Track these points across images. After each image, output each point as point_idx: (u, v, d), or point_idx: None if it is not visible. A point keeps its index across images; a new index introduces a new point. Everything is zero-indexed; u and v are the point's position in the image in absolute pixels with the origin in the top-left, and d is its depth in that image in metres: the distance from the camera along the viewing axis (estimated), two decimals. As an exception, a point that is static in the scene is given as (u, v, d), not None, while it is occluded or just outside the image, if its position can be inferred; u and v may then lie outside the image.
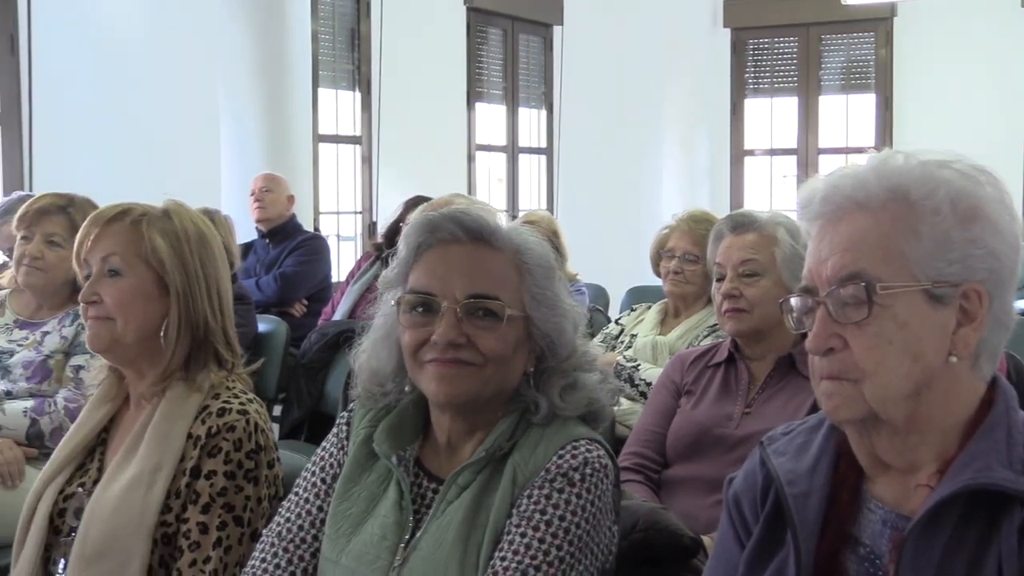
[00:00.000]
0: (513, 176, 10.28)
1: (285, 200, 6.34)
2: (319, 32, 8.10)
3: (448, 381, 1.79)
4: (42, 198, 3.45)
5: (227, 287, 2.29)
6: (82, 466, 2.23)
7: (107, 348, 2.20)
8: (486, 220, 1.85)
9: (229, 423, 2.11)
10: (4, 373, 3.37)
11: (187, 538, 2.05)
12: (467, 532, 1.74)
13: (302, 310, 5.97)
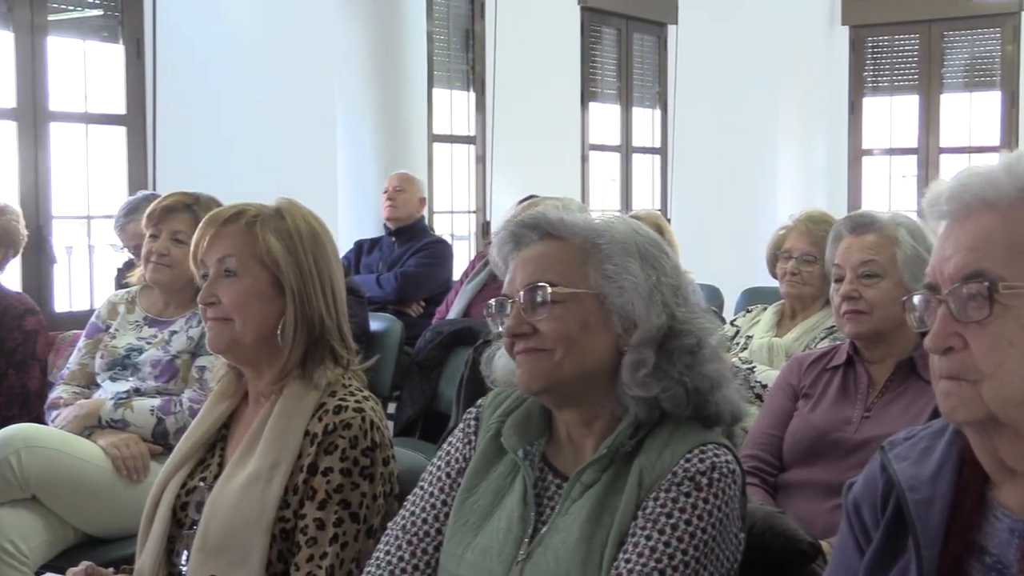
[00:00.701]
0: (627, 176, 10.24)
1: (417, 201, 6.39)
2: (434, 33, 8.16)
3: (525, 369, 1.81)
4: (169, 196, 3.53)
5: (341, 284, 2.31)
6: (203, 461, 2.28)
7: (227, 348, 2.24)
8: (546, 215, 1.86)
9: (345, 420, 2.13)
10: (134, 370, 3.45)
11: (304, 534, 2.08)
12: (591, 531, 1.73)
13: (419, 311, 6.01)
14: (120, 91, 6.68)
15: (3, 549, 3.09)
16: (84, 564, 2.23)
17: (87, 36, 6.58)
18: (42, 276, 6.28)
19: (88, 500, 3.25)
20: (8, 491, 3.16)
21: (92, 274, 6.71)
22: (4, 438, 3.19)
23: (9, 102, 6.18)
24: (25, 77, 6.18)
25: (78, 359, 3.60)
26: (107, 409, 3.36)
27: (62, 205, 6.47)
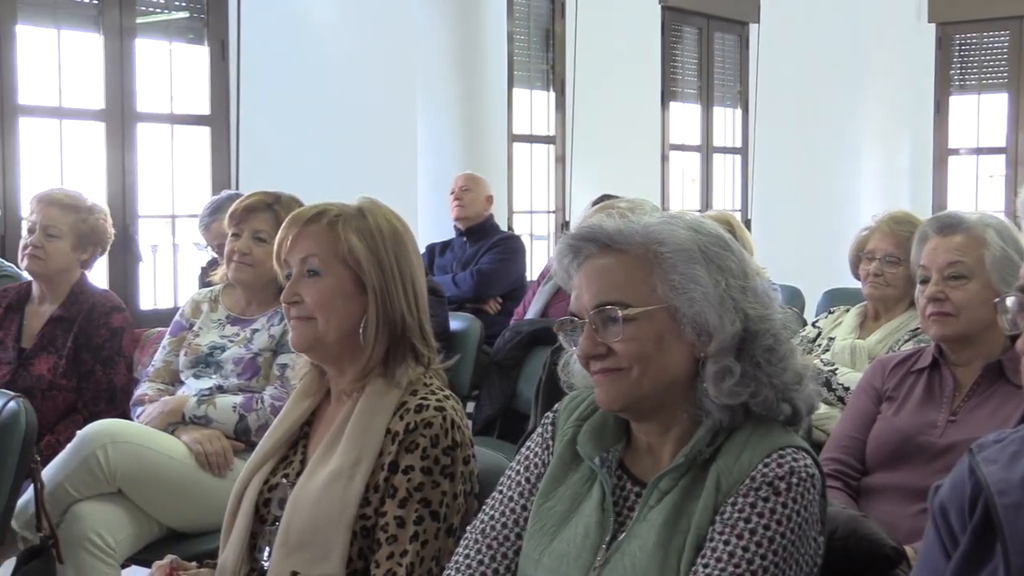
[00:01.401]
0: (707, 176, 10.19)
1: (484, 200, 6.41)
2: (514, 33, 8.17)
3: (604, 390, 1.80)
4: (251, 196, 3.56)
5: (422, 283, 2.31)
6: (285, 458, 2.29)
7: (310, 347, 2.25)
8: (603, 226, 1.83)
9: (426, 419, 2.13)
10: (216, 368, 3.49)
11: (385, 531, 2.09)
12: (668, 537, 1.72)
13: (496, 308, 6.03)
14: (205, 92, 6.78)
15: (91, 541, 3.14)
16: (169, 558, 2.26)
17: (173, 38, 6.69)
18: (128, 274, 6.39)
19: (172, 495, 3.30)
20: (95, 485, 3.21)
21: (176, 272, 6.82)
22: (92, 433, 3.24)
23: (98, 103, 6.30)
24: (114, 79, 6.30)
25: (162, 357, 3.65)
26: (191, 406, 3.41)
27: (148, 204, 6.59)
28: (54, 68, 6.16)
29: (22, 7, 5.92)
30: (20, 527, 3.16)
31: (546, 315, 5.18)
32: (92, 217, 3.93)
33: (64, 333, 3.80)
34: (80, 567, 3.13)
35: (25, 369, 3.76)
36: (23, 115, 5.98)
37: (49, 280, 3.88)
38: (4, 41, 5.83)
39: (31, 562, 3.06)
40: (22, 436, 2.98)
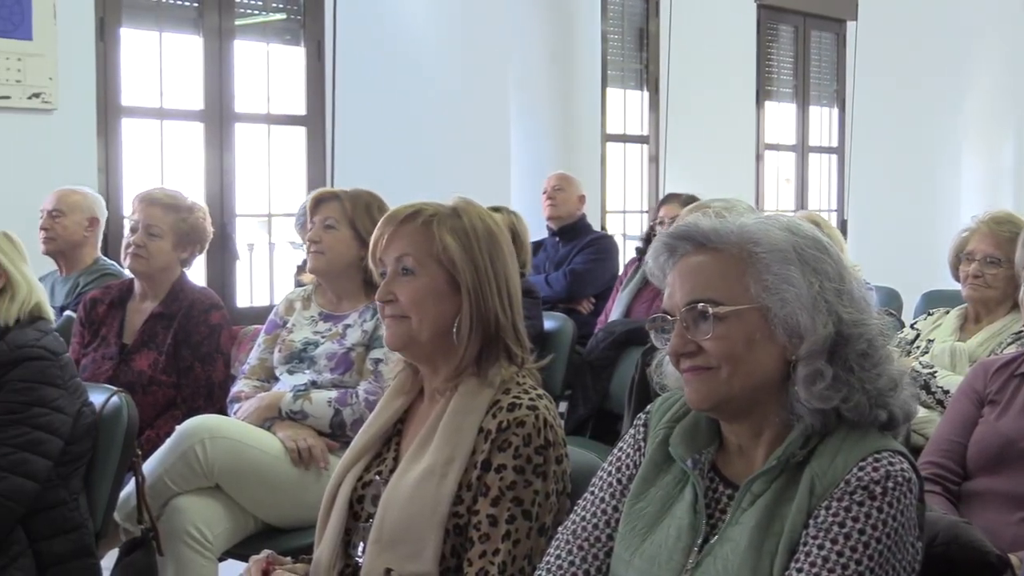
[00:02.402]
0: (802, 176, 10.07)
1: (576, 199, 6.41)
2: (608, 32, 8.16)
3: (693, 388, 1.79)
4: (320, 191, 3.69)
5: (516, 283, 2.31)
6: (379, 455, 2.31)
7: (404, 346, 2.26)
8: (699, 225, 1.82)
9: (519, 418, 2.13)
10: (310, 363, 3.53)
11: (477, 529, 2.10)
12: (761, 540, 1.70)
13: (589, 307, 6.02)
14: (300, 92, 6.86)
15: (189, 534, 3.19)
16: (265, 552, 2.29)
17: (271, 39, 6.78)
18: (225, 272, 6.49)
19: (268, 490, 3.34)
20: (194, 479, 3.27)
21: (272, 271, 6.90)
22: (190, 428, 3.30)
23: (197, 104, 6.40)
24: (212, 80, 6.40)
25: (258, 354, 3.70)
26: (287, 401, 3.45)
27: (244, 203, 6.68)
28: (155, 70, 6.28)
29: (126, 10, 6.04)
30: (122, 519, 3.23)
31: (629, 315, 5.16)
32: (192, 216, 4.00)
33: (164, 330, 3.87)
34: (179, 560, 3.19)
35: (126, 365, 3.83)
36: (125, 116, 6.10)
37: (150, 278, 3.96)
38: (109, 44, 5.95)
39: (132, 553, 3.13)
40: (124, 430, 3.05)
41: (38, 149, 5.60)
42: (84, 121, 5.81)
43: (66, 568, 2.87)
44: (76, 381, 3.01)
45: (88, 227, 4.87)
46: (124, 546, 3.20)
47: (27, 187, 5.42)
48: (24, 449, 2.80)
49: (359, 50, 6.88)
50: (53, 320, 3.13)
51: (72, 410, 2.94)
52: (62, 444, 2.89)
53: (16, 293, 3.00)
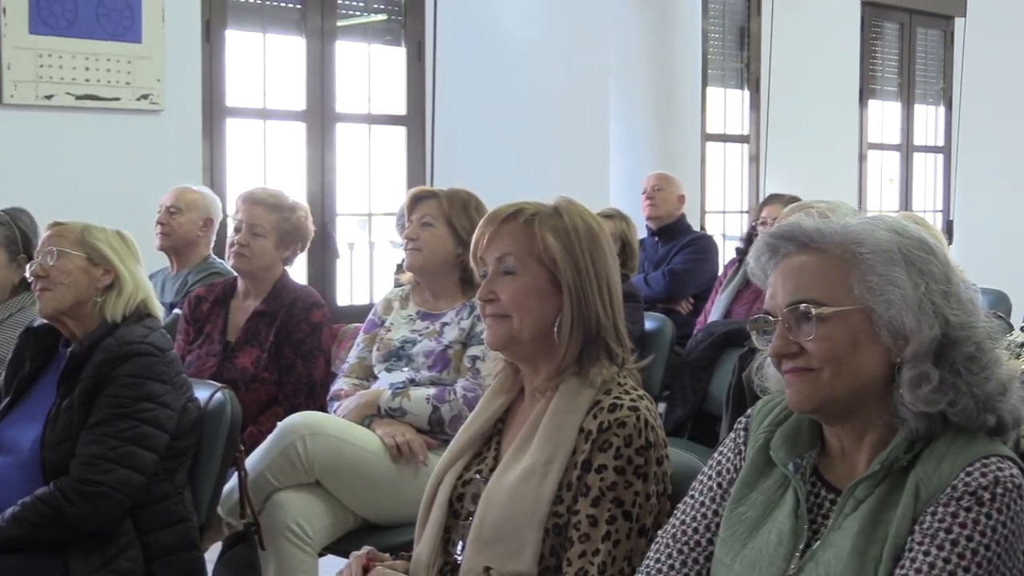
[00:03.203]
0: (906, 176, 9.91)
1: (676, 200, 6.37)
2: (709, 31, 8.10)
3: (795, 390, 1.76)
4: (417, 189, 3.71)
5: (617, 283, 2.30)
6: (479, 454, 2.31)
7: (505, 346, 2.26)
8: (802, 225, 1.80)
9: (620, 419, 2.12)
10: (408, 361, 3.55)
11: (577, 530, 2.09)
12: (864, 546, 1.68)
13: (688, 308, 5.98)
14: (401, 92, 6.91)
15: (290, 530, 3.23)
16: (366, 549, 2.31)
17: (372, 40, 6.84)
18: (326, 271, 6.57)
19: (367, 487, 3.36)
20: (295, 475, 3.30)
21: (372, 269, 6.97)
22: (291, 425, 3.34)
23: (300, 104, 6.49)
24: (315, 80, 6.49)
25: (357, 353, 3.73)
26: (386, 398, 3.47)
27: (345, 203, 6.75)
28: (259, 71, 6.37)
29: (232, 12, 6.15)
30: (225, 513, 3.28)
31: (729, 316, 5.12)
32: (294, 216, 4.05)
33: (267, 328, 3.91)
34: (280, 554, 3.23)
35: (230, 362, 3.88)
36: (230, 116, 6.21)
37: (253, 277, 4.01)
38: (214, 45, 6.06)
39: (235, 547, 3.18)
40: (228, 426, 3.09)
41: (146, 149, 5.73)
42: (190, 121, 5.92)
43: (172, 560, 2.92)
44: (182, 377, 3.06)
45: (203, 227, 4.96)
46: (227, 540, 3.25)
47: (135, 186, 5.56)
48: (132, 443, 2.85)
49: (459, 50, 6.91)
50: (161, 317, 3.18)
51: (178, 405, 2.99)
52: (168, 439, 2.94)
53: (123, 289, 3.06)
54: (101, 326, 3.00)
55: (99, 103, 5.57)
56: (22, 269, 3.52)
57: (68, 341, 3.06)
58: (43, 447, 2.89)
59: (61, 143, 5.52)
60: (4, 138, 5.36)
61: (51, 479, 2.84)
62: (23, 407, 3.05)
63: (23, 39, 5.33)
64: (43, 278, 3.00)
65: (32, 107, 5.40)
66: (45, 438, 2.90)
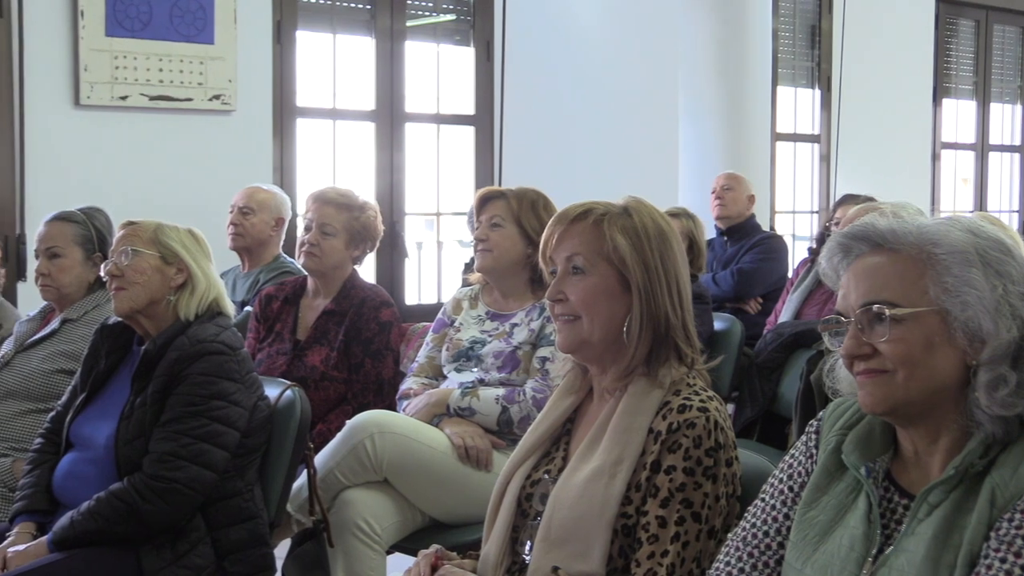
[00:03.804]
0: (981, 176, 9.76)
1: (745, 200, 6.34)
2: (779, 30, 8.04)
3: (867, 392, 1.74)
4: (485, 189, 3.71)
5: (686, 282, 2.29)
6: (548, 453, 2.31)
7: (576, 348, 2.26)
8: (876, 225, 1.77)
9: (689, 419, 2.11)
10: (477, 362, 3.56)
11: (646, 531, 2.08)
12: (938, 552, 1.65)
13: (756, 307, 5.94)
14: (470, 92, 6.93)
15: (359, 527, 3.25)
16: (434, 547, 2.31)
17: (441, 40, 6.87)
18: (394, 270, 6.60)
19: (435, 486, 3.37)
20: (363, 473, 3.32)
21: (440, 269, 6.99)
22: (360, 423, 3.35)
23: (369, 104, 6.53)
24: (384, 81, 6.53)
25: (426, 353, 3.74)
26: (455, 398, 3.48)
27: (413, 202, 6.78)
28: (329, 71, 6.42)
29: (302, 13, 6.20)
30: (295, 510, 3.30)
31: (800, 317, 5.07)
32: (364, 215, 4.07)
33: (336, 326, 3.94)
34: (348, 551, 3.25)
35: (300, 360, 3.91)
36: (300, 116, 6.27)
37: (323, 276, 4.03)
38: (285, 46, 6.12)
39: (304, 544, 3.20)
40: (297, 423, 3.11)
41: (217, 149, 5.79)
42: (261, 121, 5.98)
43: (242, 556, 2.94)
44: (252, 375, 3.09)
45: (274, 226, 5.01)
46: (296, 537, 3.28)
47: (207, 185, 5.63)
48: (203, 440, 2.88)
49: (527, 50, 6.92)
50: (232, 315, 3.21)
51: (248, 403, 3.01)
52: (238, 436, 2.96)
53: (196, 288, 3.09)
54: (174, 324, 3.04)
55: (172, 104, 5.64)
56: (97, 268, 3.57)
57: (142, 339, 3.11)
58: (117, 443, 2.93)
59: (135, 143, 5.60)
60: (81, 138, 5.46)
61: (125, 475, 2.88)
62: (98, 403, 3.10)
63: (100, 41, 5.42)
64: (118, 277, 3.05)
65: (107, 108, 5.49)
66: (119, 434, 2.94)
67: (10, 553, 2.86)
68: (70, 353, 3.56)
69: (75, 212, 3.80)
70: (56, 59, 5.38)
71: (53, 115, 5.39)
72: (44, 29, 5.34)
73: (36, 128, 5.35)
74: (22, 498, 3.06)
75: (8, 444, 3.49)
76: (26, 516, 3.02)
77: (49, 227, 3.74)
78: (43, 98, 5.36)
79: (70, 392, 3.22)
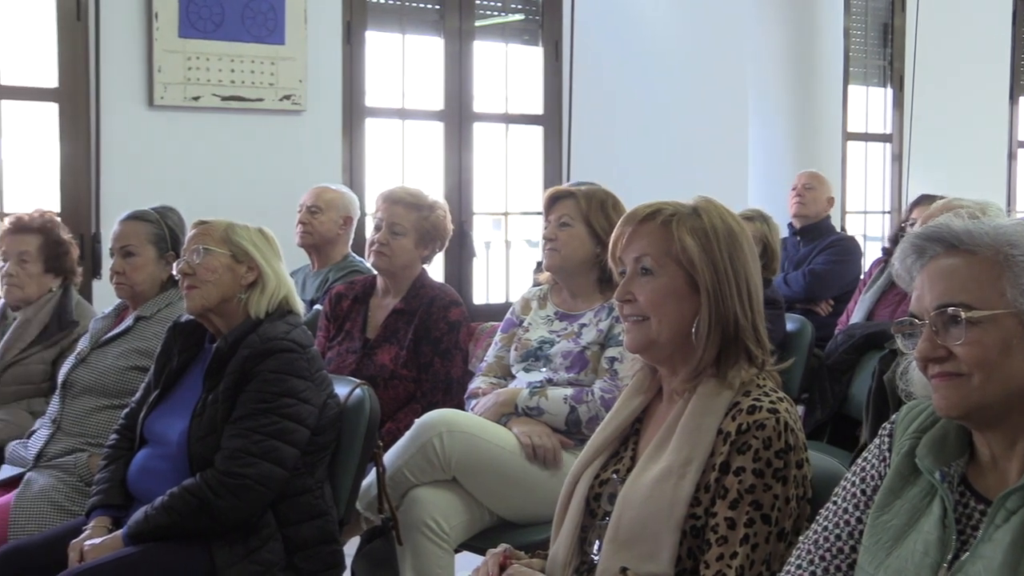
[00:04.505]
0: (1058, 175, 9.58)
1: (825, 201, 6.29)
2: (851, 28, 7.96)
3: (942, 395, 1.71)
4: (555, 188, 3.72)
5: (757, 283, 2.27)
6: (616, 454, 2.30)
7: (644, 348, 2.25)
8: (951, 226, 1.75)
9: (759, 421, 2.10)
10: (546, 362, 3.56)
11: (715, 532, 2.07)
12: (1017, 559, 1.62)
13: (827, 309, 5.88)
14: (538, 92, 6.93)
15: (427, 525, 3.26)
16: (503, 546, 2.31)
17: (509, 40, 6.87)
18: (462, 269, 6.62)
19: (503, 485, 3.37)
20: (431, 471, 3.33)
21: (508, 269, 7.00)
22: (429, 422, 3.37)
23: (437, 104, 6.55)
24: (452, 80, 6.55)
25: (494, 352, 3.74)
26: (523, 397, 3.48)
27: (481, 202, 6.80)
28: (398, 71, 6.46)
29: (372, 14, 6.24)
30: (363, 508, 3.32)
31: (872, 318, 5.01)
32: (434, 215, 4.09)
33: (405, 325, 3.96)
34: (417, 549, 3.26)
35: (369, 359, 3.94)
36: (369, 116, 6.30)
37: (393, 275, 4.06)
38: (355, 46, 6.16)
39: (373, 542, 3.22)
40: (367, 421, 3.13)
41: (288, 148, 5.85)
42: (330, 121, 6.03)
43: (312, 553, 2.97)
44: (322, 373, 3.11)
45: (342, 225, 5.05)
46: (365, 534, 3.29)
47: (277, 184, 5.68)
48: (274, 437, 2.90)
49: (596, 49, 6.91)
50: (302, 313, 3.24)
51: (318, 401, 3.03)
52: (308, 434, 2.99)
53: (266, 286, 3.12)
54: (245, 322, 3.07)
55: (243, 104, 5.70)
56: (170, 266, 3.62)
57: (213, 337, 3.14)
58: (190, 439, 2.97)
59: (207, 143, 5.67)
60: (154, 139, 5.53)
61: (197, 471, 2.92)
62: (171, 400, 3.14)
63: (173, 42, 5.49)
64: (189, 275, 3.08)
65: (180, 108, 5.56)
66: (191, 431, 2.97)
67: (87, 546, 2.91)
68: (143, 350, 3.61)
69: (149, 211, 3.85)
70: (131, 60, 5.46)
71: (127, 116, 5.47)
72: (119, 31, 5.42)
73: (111, 129, 5.43)
74: (98, 492, 3.11)
75: (84, 439, 3.55)
76: (102, 510, 3.07)
77: (124, 226, 3.80)
78: (118, 99, 5.44)
79: (143, 389, 3.27)
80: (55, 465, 3.48)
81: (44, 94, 5.44)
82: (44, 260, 4.06)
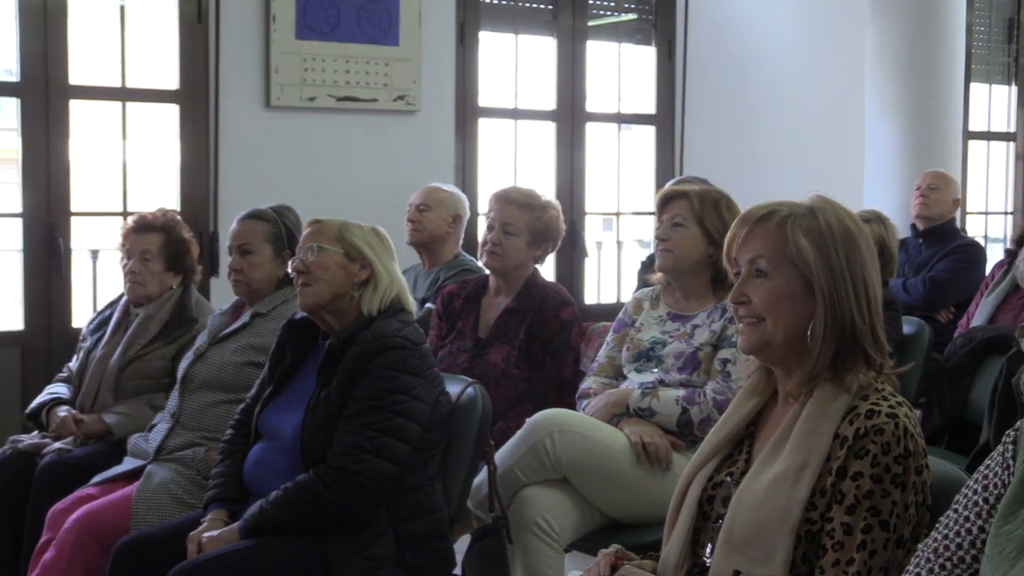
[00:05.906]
0: None
1: (950, 202, 6.11)
2: (974, 25, 7.76)
3: None
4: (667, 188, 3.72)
5: (875, 285, 2.22)
6: (730, 456, 2.28)
7: (758, 350, 2.22)
8: None
9: (877, 425, 2.05)
10: (658, 362, 3.54)
11: (831, 537, 2.03)
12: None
13: (948, 317, 5.68)
14: (650, 92, 6.90)
15: (537, 525, 3.26)
16: (614, 547, 2.30)
17: (622, 40, 6.85)
18: (574, 269, 6.61)
19: (614, 485, 3.36)
20: (542, 471, 3.33)
21: (620, 269, 6.97)
22: (540, 421, 3.37)
23: (550, 104, 6.56)
24: (565, 80, 6.55)
25: (606, 352, 3.73)
26: (635, 398, 3.47)
27: (593, 202, 6.79)
28: (511, 71, 6.47)
29: (485, 14, 6.27)
30: (474, 506, 3.34)
31: (994, 321, 4.87)
32: (546, 215, 4.09)
33: (517, 325, 3.97)
34: (527, 548, 3.26)
35: (480, 358, 3.96)
36: (482, 116, 6.33)
37: (505, 275, 4.07)
38: (468, 47, 6.19)
39: (484, 540, 3.23)
40: (478, 420, 3.15)
41: (401, 148, 5.90)
42: (444, 121, 6.07)
43: (423, 549, 2.99)
44: (434, 371, 3.13)
45: (451, 223, 5.08)
46: (476, 532, 3.30)
47: (391, 184, 5.73)
48: (386, 434, 2.93)
49: (709, 49, 6.86)
50: (414, 311, 3.26)
51: (430, 399, 3.06)
52: (420, 431, 3.01)
53: (379, 284, 3.15)
54: (358, 320, 3.11)
55: (358, 104, 5.77)
56: (286, 264, 3.67)
57: (327, 333, 3.18)
58: (303, 435, 3.01)
59: (322, 143, 5.74)
60: (271, 139, 5.62)
61: (311, 466, 2.96)
62: (285, 396, 3.19)
63: (290, 44, 5.57)
64: (304, 273, 3.13)
65: (296, 109, 5.64)
66: (305, 426, 3.02)
67: (204, 538, 2.97)
68: (259, 346, 3.67)
69: (266, 210, 3.91)
70: (249, 62, 5.55)
71: (245, 116, 5.56)
72: (239, 33, 5.51)
73: (229, 129, 5.53)
74: (215, 486, 3.17)
75: (201, 433, 3.62)
76: (219, 503, 3.13)
77: (241, 225, 3.86)
78: (236, 100, 5.54)
79: (259, 384, 3.33)
80: (174, 458, 3.56)
81: (166, 96, 5.56)
82: (166, 258, 4.14)
